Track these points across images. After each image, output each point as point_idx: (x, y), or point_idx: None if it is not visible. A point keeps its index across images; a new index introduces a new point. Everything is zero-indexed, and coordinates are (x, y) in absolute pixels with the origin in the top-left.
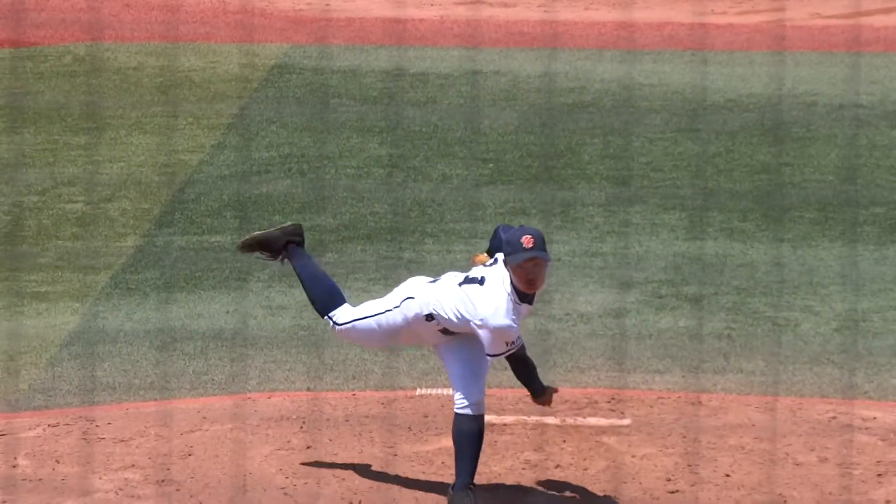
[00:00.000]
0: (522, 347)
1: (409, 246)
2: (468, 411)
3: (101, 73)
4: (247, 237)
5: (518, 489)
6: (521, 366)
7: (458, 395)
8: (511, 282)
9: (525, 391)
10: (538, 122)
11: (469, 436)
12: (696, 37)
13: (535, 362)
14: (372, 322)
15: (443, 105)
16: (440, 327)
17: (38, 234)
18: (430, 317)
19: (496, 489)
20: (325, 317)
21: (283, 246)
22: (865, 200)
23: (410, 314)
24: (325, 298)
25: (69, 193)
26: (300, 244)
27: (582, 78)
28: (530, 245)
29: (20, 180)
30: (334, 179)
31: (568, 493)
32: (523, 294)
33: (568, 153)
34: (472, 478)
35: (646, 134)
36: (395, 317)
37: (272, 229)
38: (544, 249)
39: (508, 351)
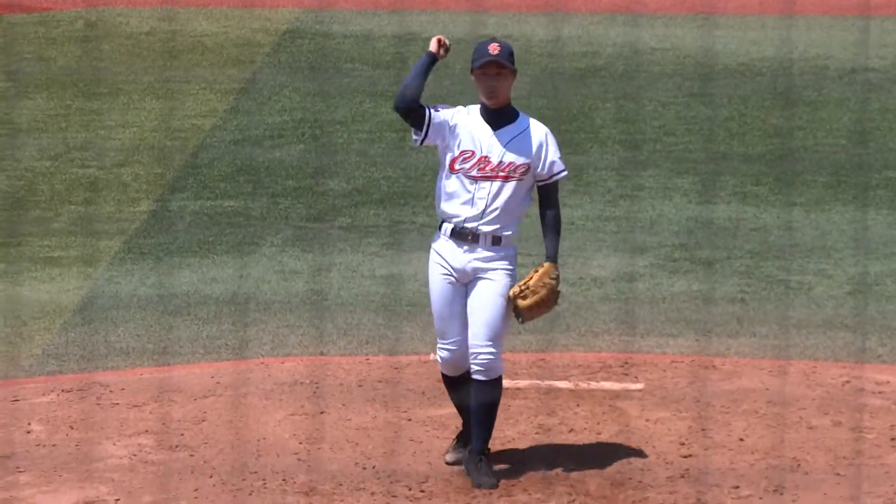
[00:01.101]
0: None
1: (422, 210)
2: (497, 373)
3: (114, 39)
4: None
5: (531, 453)
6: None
7: (487, 357)
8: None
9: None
10: (550, 85)
11: (496, 400)
12: (708, 1)
13: (549, 327)
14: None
15: (454, 70)
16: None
17: (51, 199)
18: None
19: (510, 454)
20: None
21: None
22: (878, 164)
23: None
24: None
25: (82, 158)
26: None
27: (594, 42)
28: (496, 52)
29: (33, 145)
30: (347, 144)
31: (581, 458)
32: (491, 114)
33: (580, 117)
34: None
35: (658, 98)
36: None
37: None
38: (511, 62)
39: (464, 169)
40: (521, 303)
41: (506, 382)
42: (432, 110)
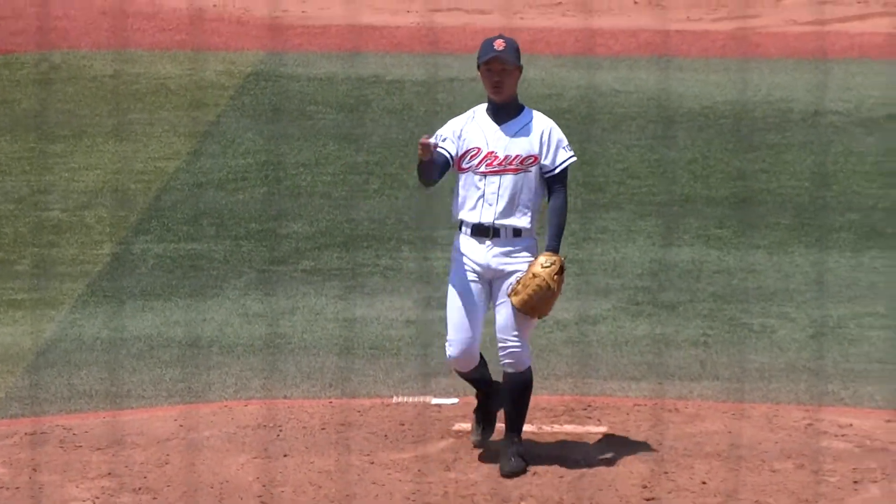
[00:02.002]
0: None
1: (385, 253)
2: (525, 365)
3: (77, 81)
4: None
5: (493, 496)
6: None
7: (514, 350)
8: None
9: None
10: None
11: (528, 388)
12: (672, 44)
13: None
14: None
15: (419, 112)
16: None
17: (14, 241)
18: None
19: (471, 498)
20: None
21: None
22: (840, 207)
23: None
24: None
25: (46, 201)
26: None
27: (557, 85)
28: (500, 48)
29: None
30: (310, 187)
31: (544, 501)
32: (497, 110)
33: None
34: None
35: (621, 141)
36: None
37: None
38: (517, 58)
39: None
40: (514, 299)
41: (469, 425)
42: (442, 148)
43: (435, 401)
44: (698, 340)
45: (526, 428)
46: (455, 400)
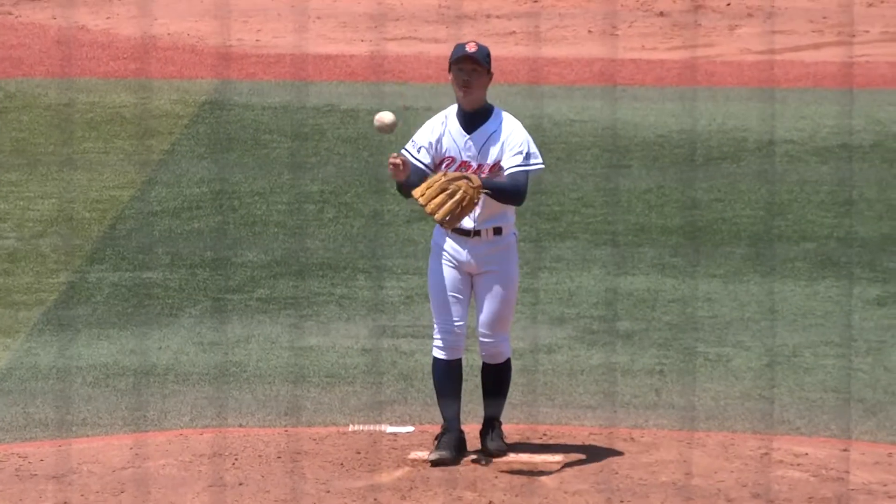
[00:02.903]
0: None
1: (340, 282)
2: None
3: (32, 110)
4: None
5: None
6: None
7: (494, 344)
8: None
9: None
10: None
11: (506, 379)
12: (626, 73)
13: (465, 398)
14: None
15: (374, 141)
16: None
17: None
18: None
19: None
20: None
21: None
22: (796, 236)
23: None
24: None
25: (0, 230)
26: None
27: (513, 113)
28: (472, 49)
29: None
30: (265, 216)
31: None
32: (466, 116)
33: None
34: None
35: (576, 170)
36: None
37: None
38: (487, 63)
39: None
40: (434, 201)
41: (424, 454)
42: (415, 158)
43: (390, 429)
44: (653, 369)
45: (478, 457)
46: (411, 428)
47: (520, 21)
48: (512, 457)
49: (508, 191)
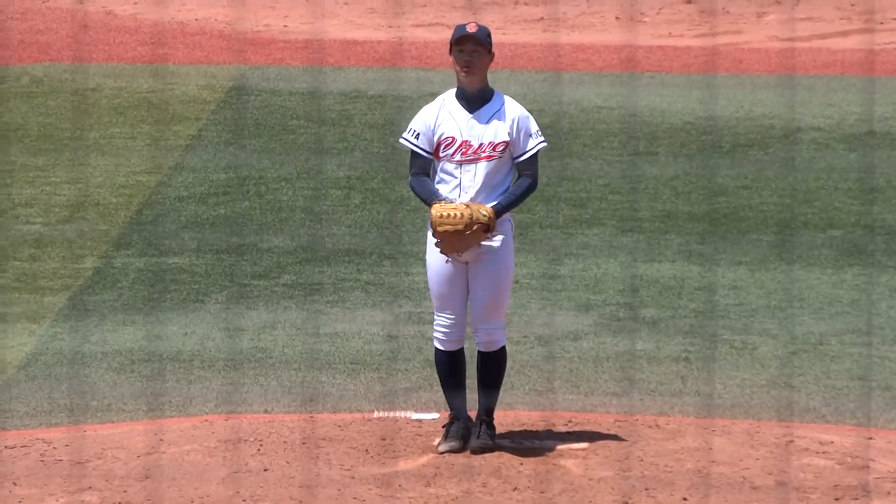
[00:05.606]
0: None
1: (366, 268)
2: (499, 345)
3: (59, 95)
4: None
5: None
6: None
7: (489, 332)
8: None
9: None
10: None
11: (501, 369)
12: (655, 60)
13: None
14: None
15: (400, 127)
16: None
17: None
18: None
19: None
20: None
21: None
22: (822, 223)
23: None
24: None
25: (27, 215)
26: None
27: (539, 100)
28: (473, 30)
29: None
30: (292, 201)
31: None
32: (468, 97)
33: None
34: None
35: (603, 157)
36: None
37: None
38: (488, 43)
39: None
40: (439, 228)
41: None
42: (415, 145)
43: (416, 416)
44: (679, 357)
45: (505, 444)
46: (436, 415)
47: (547, 7)
48: (536, 443)
49: (523, 194)
